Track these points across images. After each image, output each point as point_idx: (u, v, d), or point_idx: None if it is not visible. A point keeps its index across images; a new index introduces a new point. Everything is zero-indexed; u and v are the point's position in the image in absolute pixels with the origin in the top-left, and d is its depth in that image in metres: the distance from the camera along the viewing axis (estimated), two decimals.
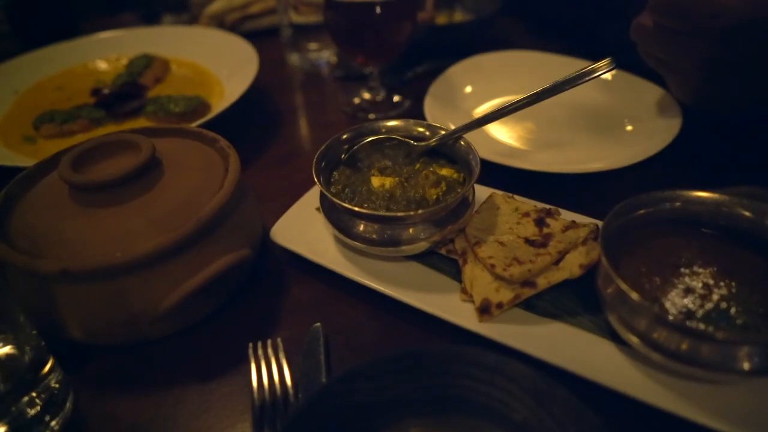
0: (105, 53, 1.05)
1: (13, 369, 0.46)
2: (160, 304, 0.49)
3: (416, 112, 0.90)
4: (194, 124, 0.75)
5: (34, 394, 0.46)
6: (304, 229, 0.63)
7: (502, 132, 0.81)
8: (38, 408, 0.46)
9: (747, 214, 0.49)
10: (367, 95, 0.94)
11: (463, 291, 0.55)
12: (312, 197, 0.67)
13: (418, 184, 0.59)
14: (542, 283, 0.52)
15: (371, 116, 0.91)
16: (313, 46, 1.10)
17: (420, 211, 0.54)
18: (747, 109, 0.73)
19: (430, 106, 0.82)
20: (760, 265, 0.48)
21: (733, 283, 0.47)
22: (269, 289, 0.61)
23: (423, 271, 0.58)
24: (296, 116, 0.97)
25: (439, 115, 0.80)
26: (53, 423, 0.47)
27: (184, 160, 0.59)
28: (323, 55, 1.08)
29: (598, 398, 0.44)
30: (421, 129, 0.64)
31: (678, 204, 0.52)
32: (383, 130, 0.64)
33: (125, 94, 0.89)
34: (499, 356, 0.41)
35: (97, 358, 0.54)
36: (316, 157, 0.61)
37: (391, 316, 0.56)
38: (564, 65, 0.82)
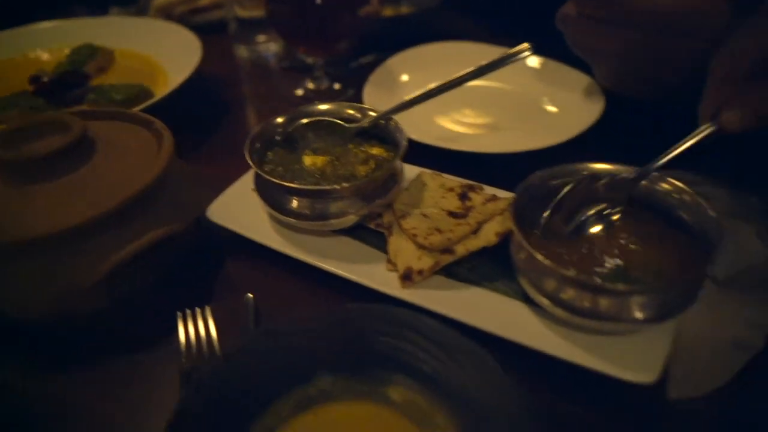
0: (47, 44, 1.04)
1: None
2: (89, 277, 0.50)
3: (358, 101, 0.93)
4: (138, 108, 0.76)
5: None
6: (240, 209, 0.65)
7: (440, 117, 0.84)
8: None
9: (643, 182, 0.53)
10: (311, 85, 0.96)
11: (389, 261, 0.57)
12: (250, 179, 0.69)
13: (348, 162, 0.62)
14: (460, 250, 0.55)
15: None
16: (261, 38, 1.12)
17: (345, 185, 0.57)
18: (664, 97, 0.78)
19: (368, 94, 0.85)
20: (654, 229, 0.52)
21: (631, 246, 0.51)
22: (205, 266, 0.63)
23: (353, 245, 0.61)
24: (243, 106, 0.98)
25: (377, 101, 0.82)
26: None
27: (117, 141, 0.61)
28: (271, 47, 1.10)
29: (512, 355, 0.47)
30: (352, 111, 0.66)
31: (580, 175, 0.56)
32: (317, 113, 0.67)
33: (66, 83, 0.89)
34: (410, 312, 0.44)
35: (28, 333, 0.55)
36: (249, 137, 0.63)
37: (323, 287, 0.59)
38: (497, 54, 0.86)
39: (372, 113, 0.66)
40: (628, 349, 0.48)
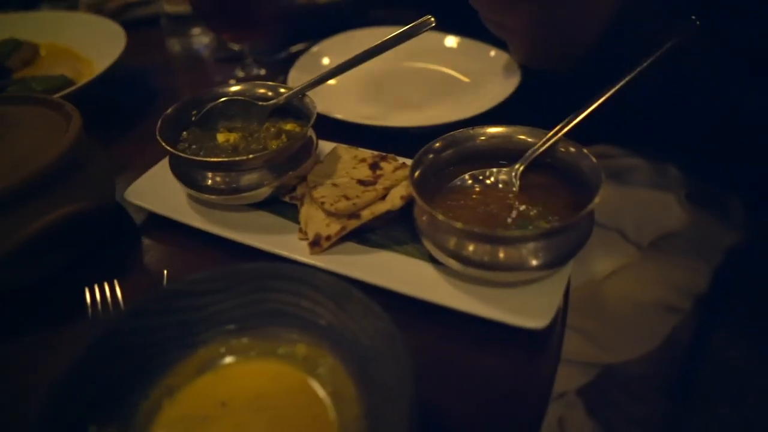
0: None
1: None
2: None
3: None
4: (57, 95, 0.75)
5: None
6: (160, 190, 0.66)
7: (361, 98, 0.86)
8: None
9: (531, 140, 0.56)
10: (241, 73, 0.97)
11: (300, 230, 0.59)
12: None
13: (261, 138, 0.63)
14: (366, 215, 0.57)
15: None
16: (195, 31, 1.12)
17: (252, 156, 0.58)
18: (572, 69, 0.81)
19: (293, 79, 0.86)
20: (546, 182, 0.55)
21: (523, 200, 0.54)
22: (122, 247, 0.63)
23: (268, 218, 0.62)
24: (173, 96, 0.97)
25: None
26: None
27: (25, 123, 0.61)
28: (203, 39, 1.10)
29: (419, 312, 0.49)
30: (264, 90, 0.68)
31: (482, 139, 0.58)
32: (231, 93, 0.68)
33: None
34: (304, 268, 0.45)
35: None
36: (161, 118, 0.63)
37: (238, 260, 0.60)
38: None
39: (284, 91, 0.67)
40: (524, 297, 0.51)
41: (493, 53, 0.89)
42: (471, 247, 0.50)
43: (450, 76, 0.90)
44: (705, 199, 0.92)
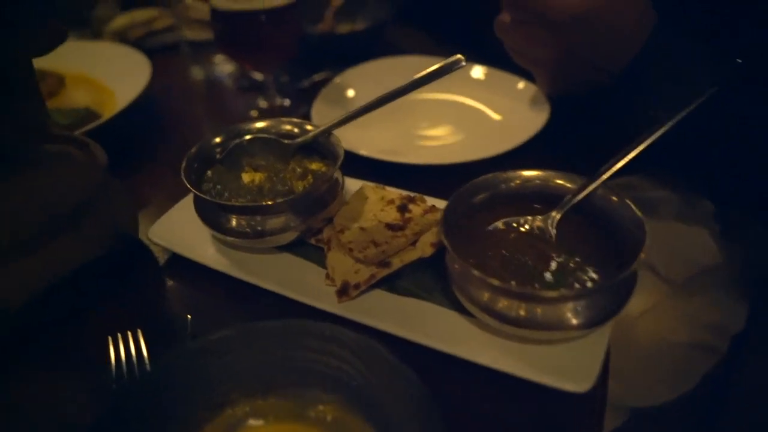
0: None
1: None
2: (16, 295, 0.49)
3: (309, 118, 0.94)
4: (82, 130, 0.75)
5: None
6: (183, 229, 0.64)
7: (384, 131, 0.84)
8: None
9: (568, 185, 0.54)
10: (263, 103, 0.96)
11: (327, 276, 0.57)
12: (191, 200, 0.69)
13: (287, 178, 0.62)
14: (396, 262, 0.55)
15: None
16: (218, 59, 1.12)
17: (280, 200, 0.56)
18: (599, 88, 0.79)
19: (317, 111, 0.85)
20: (585, 233, 0.52)
21: (560, 250, 0.51)
22: (145, 287, 0.62)
23: (293, 261, 0.60)
24: (196, 126, 0.98)
25: (325, 118, 0.82)
26: None
27: (50, 161, 0.60)
28: (226, 68, 1.10)
29: (447, 364, 0.47)
30: (290, 127, 0.66)
31: (514, 184, 0.56)
32: (256, 130, 0.66)
33: None
34: (331, 325, 0.43)
35: None
36: (185, 157, 0.62)
37: (263, 305, 0.58)
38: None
39: (310, 128, 0.66)
40: (562, 356, 0.48)
41: (521, 85, 0.87)
42: (506, 303, 0.48)
43: (476, 109, 0.88)
44: (739, 232, 0.89)
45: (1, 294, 0.49)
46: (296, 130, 0.66)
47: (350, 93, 0.92)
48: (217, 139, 0.66)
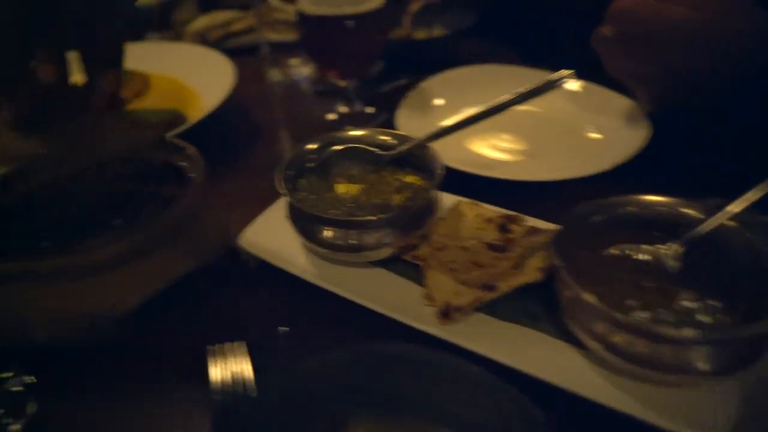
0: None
1: None
2: (119, 306, 0.49)
3: (391, 125, 0.92)
4: (173, 133, 0.76)
5: None
6: (273, 237, 0.64)
7: (476, 143, 0.82)
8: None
9: (695, 214, 0.50)
10: (343, 109, 0.95)
11: (426, 296, 0.55)
12: (282, 206, 0.68)
13: (383, 191, 0.60)
14: (502, 286, 0.52)
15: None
16: (294, 62, 1.12)
17: (382, 216, 0.54)
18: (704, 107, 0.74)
19: (402, 118, 0.83)
20: (717, 271, 0.48)
21: (685, 285, 0.47)
22: (235, 295, 0.61)
23: (388, 277, 0.58)
24: (274, 130, 0.97)
25: (410, 126, 0.81)
26: (14, 427, 0.47)
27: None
28: (303, 70, 1.10)
29: (555, 399, 0.44)
30: (386, 138, 0.65)
31: (632, 208, 0.52)
32: (350, 139, 0.65)
33: None
34: (449, 355, 0.41)
35: (58, 360, 0.53)
36: (281, 165, 0.61)
37: (357, 321, 0.56)
38: (534, 78, 0.84)
39: (406, 140, 0.64)
40: (689, 402, 0.44)
41: (618, 101, 0.83)
42: (628, 338, 0.44)
43: (568, 123, 0.85)
44: None
45: (104, 303, 0.49)
46: (391, 140, 0.64)
47: (437, 101, 0.89)
48: (310, 147, 0.65)
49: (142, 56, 1.08)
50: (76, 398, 0.51)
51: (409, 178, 0.62)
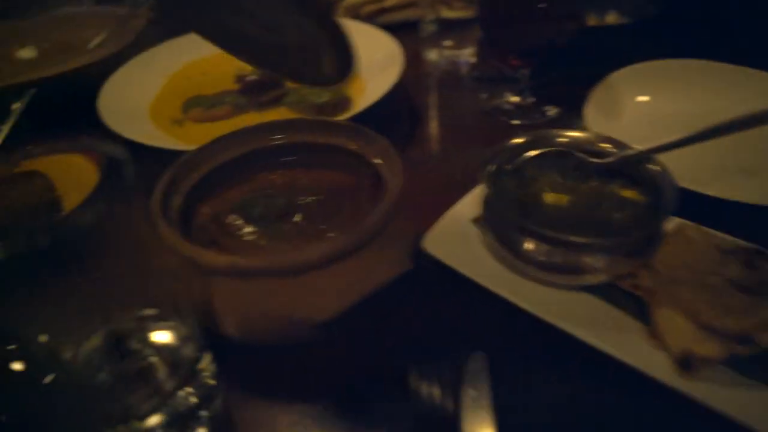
0: None
1: (173, 361, 0.44)
2: (320, 311, 0.46)
3: (563, 120, 0.84)
4: (339, 118, 0.72)
5: (190, 389, 0.45)
6: (458, 242, 0.58)
7: (684, 152, 0.71)
8: (193, 402, 0.45)
9: None
10: (513, 98, 0.87)
11: (652, 335, 0.47)
12: (464, 207, 0.62)
13: (600, 206, 0.53)
14: (765, 340, 0.43)
15: (514, 122, 0.85)
16: (448, 43, 1.05)
17: (605, 239, 0.47)
18: None
19: (592, 116, 0.74)
20: None
21: None
22: (421, 304, 0.56)
23: (598, 305, 0.51)
24: (432, 116, 0.92)
25: (603, 126, 0.72)
26: (204, 418, 0.46)
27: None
28: (464, 53, 1.03)
29: None
30: (604, 144, 0.57)
31: None
32: (563, 142, 0.58)
33: (266, 83, 0.89)
34: None
35: (248, 357, 0.52)
36: (483, 162, 0.56)
37: (557, 348, 0.50)
38: (758, 81, 0.72)
39: (625, 148, 0.56)
40: None
41: None
42: None
43: None
44: None
45: (304, 305, 0.46)
46: (613, 148, 0.56)
47: (637, 99, 0.79)
48: (517, 142, 0.58)
49: None
50: (261, 397, 0.49)
51: (627, 193, 0.54)
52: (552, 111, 0.86)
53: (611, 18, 1.05)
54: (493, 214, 0.54)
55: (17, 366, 0.38)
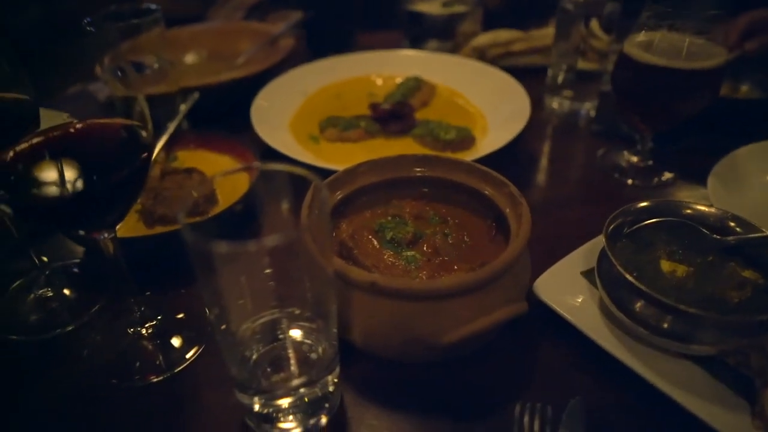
0: (378, 69, 1.15)
1: (308, 360, 0.52)
2: (441, 336, 0.51)
3: (680, 189, 0.85)
4: (468, 159, 0.77)
5: (317, 388, 0.51)
6: (567, 290, 0.62)
7: None
8: (317, 398, 0.51)
9: None
10: (632, 158, 0.89)
11: (757, 416, 0.49)
12: (576, 258, 0.66)
13: (717, 281, 0.55)
14: None
15: (629, 182, 0.87)
16: (569, 93, 1.08)
17: (720, 316, 0.50)
18: None
19: (715, 190, 0.75)
20: None
21: None
22: (527, 343, 0.61)
23: (700, 375, 0.53)
24: (548, 164, 0.95)
25: (725, 201, 0.72)
26: (324, 418, 0.53)
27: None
28: (584, 105, 1.06)
29: None
30: (730, 222, 0.59)
31: None
32: (688, 214, 0.60)
33: (396, 113, 0.96)
34: None
35: (367, 365, 0.59)
36: (607, 221, 0.59)
37: (653, 404, 0.53)
38: None
39: (752, 229, 0.57)
40: None
41: None
42: None
43: None
44: None
45: (429, 329, 0.52)
46: (737, 227, 0.58)
47: (759, 178, 0.79)
48: (640, 206, 0.62)
49: (428, 65, 1.14)
50: (374, 405, 0.55)
51: (747, 273, 0.56)
52: (669, 176, 0.87)
53: (744, 89, 1.04)
54: (609, 270, 0.58)
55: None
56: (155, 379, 0.58)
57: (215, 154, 0.91)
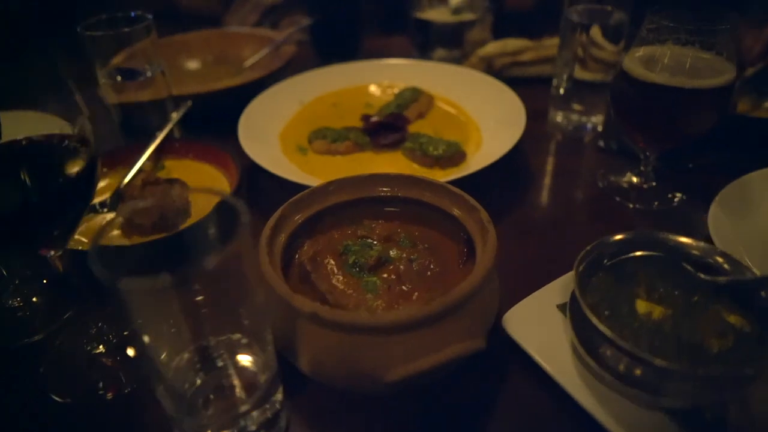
0: (377, 78, 1.11)
1: (250, 385, 0.49)
2: (385, 372, 0.48)
3: (685, 213, 0.79)
4: (447, 178, 0.74)
5: (255, 414, 0.49)
6: (538, 325, 0.58)
7: None
8: (259, 424, 0.49)
9: None
10: (634, 179, 0.84)
11: None
12: (553, 290, 0.61)
13: (697, 327, 0.49)
14: None
15: (630, 205, 0.81)
16: (577, 107, 1.02)
17: (695, 368, 0.44)
18: None
19: (716, 217, 0.68)
20: None
21: None
22: (494, 376, 0.57)
23: (674, 430, 0.48)
24: (547, 182, 0.90)
25: (728, 230, 0.66)
26: None
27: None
28: (591, 119, 1.00)
29: None
30: (718, 258, 0.53)
31: None
32: (673, 247, 0.55)
33: (388, 125, 0.93)
34: None
35: (314, 392, 0.56)
36: (579, 257, 0.55)
37: None
38: None
39: (742, 269, 0.52)
40: None
41: None
42: None
43: None
44: None
45: (372, 364, 0.49)
46: (726, 265, 0.53)
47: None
48: (617, 239, 0.57)
49: (428, 74, 1.10)
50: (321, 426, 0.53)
51: (732, 318, 0.50)
52: (674, 199, 0.81)
53: (766, 106, 0.96)
54: (578, 309, 0.53)
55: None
56: (109, 396, 0.57)
57: (201, 163, 0.89)
